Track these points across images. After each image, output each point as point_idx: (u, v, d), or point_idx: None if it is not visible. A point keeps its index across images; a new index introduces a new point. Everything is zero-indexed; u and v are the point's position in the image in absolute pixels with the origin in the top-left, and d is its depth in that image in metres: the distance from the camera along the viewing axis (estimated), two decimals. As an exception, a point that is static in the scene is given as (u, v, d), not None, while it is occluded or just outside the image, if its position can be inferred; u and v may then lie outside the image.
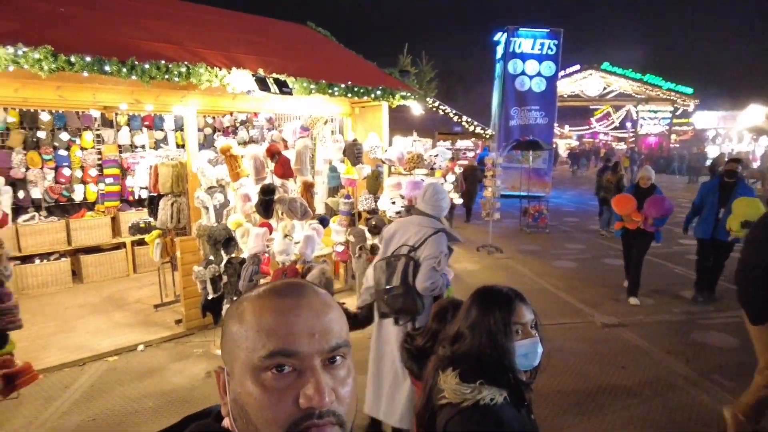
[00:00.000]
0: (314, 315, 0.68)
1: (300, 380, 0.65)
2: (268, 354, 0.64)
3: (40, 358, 4.40)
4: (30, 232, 6.23)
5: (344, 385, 0.69)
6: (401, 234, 3.03)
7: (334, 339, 0.68)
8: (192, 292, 4.90)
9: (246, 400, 0.65)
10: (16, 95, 4.10)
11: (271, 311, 0.67)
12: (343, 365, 0.70)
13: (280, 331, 0.65)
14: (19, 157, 6.30)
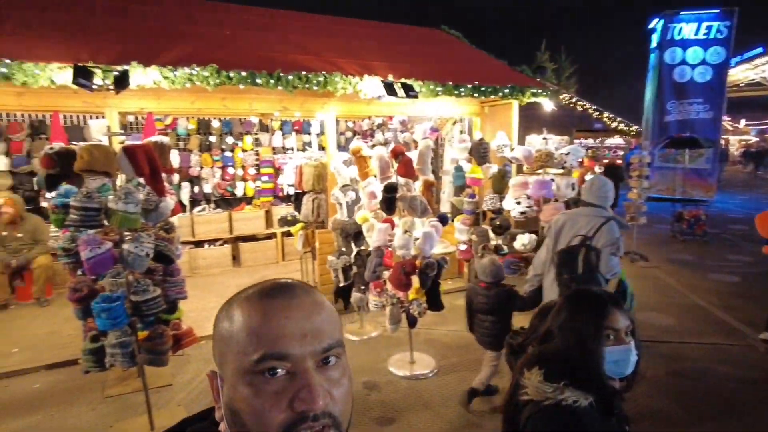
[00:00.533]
0: (305, 316, 0.67)
1: (293, 383, 0.63)
2: (259, 358, 0.63)
3: (204, 327, 5.24)
4: (201, 221, 7.42)
5: (339, 385, 0.67)
6: (570, 226, 3.36)
7: (327, 339, 0.67)
8: (327, 279, 5.39)
9: (239, 405, 0.64)
10: (192, 106, 4.95)
11: (260, 313, 0.66)
12: (338, 365, 0.68)
13: (270, 333, 0.64)
14: (195, 158, 7.54)
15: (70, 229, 3.16)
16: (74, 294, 3.22)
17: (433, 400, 3.81)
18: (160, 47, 4.21)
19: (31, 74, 3.48)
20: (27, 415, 3.71)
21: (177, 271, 3.65)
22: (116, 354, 3.21)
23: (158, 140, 3.54)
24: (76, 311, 3.27)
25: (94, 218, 3.13)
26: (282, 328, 0.64)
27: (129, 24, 4.60)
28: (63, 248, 3.20)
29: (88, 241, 3.10)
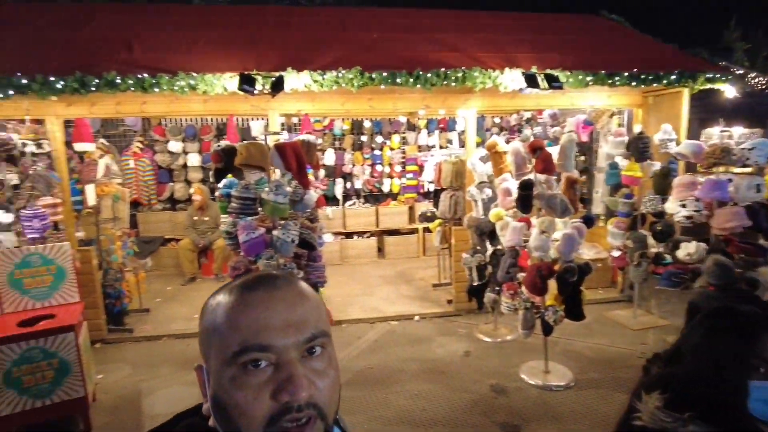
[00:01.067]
0: (288, 306, 0.67)
1: (277, 374, 0.63)
2: (241, 349, 0.63)
3: (347, 312, 5.64)
4: (352, 214, 7.95)
5: (324, 376, 0.67)
6: None
7: (310, 330, 0.67)
8: (462, 276, 5.35)
9: (224, 398, 0.64)
10: (342, 107, 5.32)
11: (243, 306, 0.66)
12: (323, 356, 0.68)
13: (253, 325, 0.64)
14: (348, 156, 8.11)
15: (232, 215, 3.65)
16: (234, 271, 3.72)
17: (564, 414, 3.54)
18: (314, 53, 4.62)
19: (209, 84, 4.13)
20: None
21: (319, 257, 3.98)
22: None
23: (306, 138, 3.90)
24: (235, 286, 3.78)
25: (251, 207, 3.58)
26: (264, 319, 0.64)
27: (290, 35, 5.14)
28: (227, 232, 3.72)
29: (245, 226, 3.56)
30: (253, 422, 0.62)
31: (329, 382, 0.67)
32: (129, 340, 5.12)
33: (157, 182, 7.83)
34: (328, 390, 0.67)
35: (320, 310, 0.71)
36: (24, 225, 4.00)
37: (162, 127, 7.76)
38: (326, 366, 0.68)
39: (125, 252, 5.66)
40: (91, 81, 3.96)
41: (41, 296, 3.89)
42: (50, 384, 3.46)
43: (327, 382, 0.67)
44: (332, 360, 0.70)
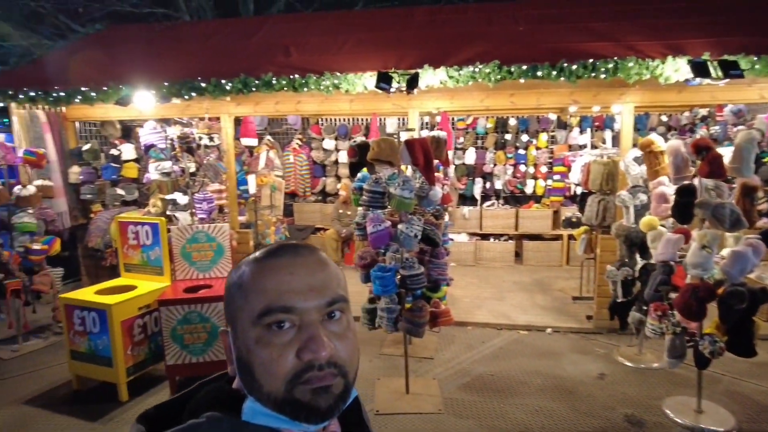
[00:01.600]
0: (310, 272, 0.70)
1: (300, 334, 0.67)
2: (266, 311, 0.67)
3: (474, 314, 5.50)
4: (489, 215, 7.72)
5: (344, 338, 0.70)
6: None
7: (331, 294, 0.70)
8: (605, 291, 4.83)
9: (249, 358, 0.68)
10: (481, 104, 5.18)
11: (267, 270, 0.70)
12: (342, 320, 0.71)
13: (277, 288, 0.68)
14: (490, 155, 7.88)
15: (362, 207, 3.82)
16: (361, 261, 3.89)
17: (717, 466, 2.97)
18: (454, 50, 4.58)
19: (351, 83, 4.36)
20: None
21: (441, 254, 3.95)
22: (383, 317, 3.74)
23: (436, 135, 3.89)
24: (360, 275, 3.95)
25: (379, 200, 3.70)
26: (287, 283, 0.68)
27: (433, 33, 5.17)
28: (357, 223, 3.91)
29: (372, 218, 3.69)
30: (277, 379, 0.65)
31: (349, 344, 0.70)
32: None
33: (312, 176, 8.57)
34: (348, 351, 0.70)
35: (339, 277, 0.74)
36: (196, 207, 4.72)
37: (318, 126, 8.45)
38: (345, 329, 0.71)
39: (277, 237, 6.31)
40: (252, 82, 4.48)
41: (203, 268, 4.53)
42: (203, 344, 4.01)
43: (347, 344, 0.70)
44: (350, 324, 0.73)
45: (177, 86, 4.65)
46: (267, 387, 0.66)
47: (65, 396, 4.02)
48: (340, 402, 0.69)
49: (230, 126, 5.62)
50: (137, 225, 4.48)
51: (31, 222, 4.94)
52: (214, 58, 5.27)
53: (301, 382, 0.65)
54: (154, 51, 5.78)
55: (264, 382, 0.66)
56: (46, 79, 5.15)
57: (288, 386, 0.65)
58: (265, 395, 0.66)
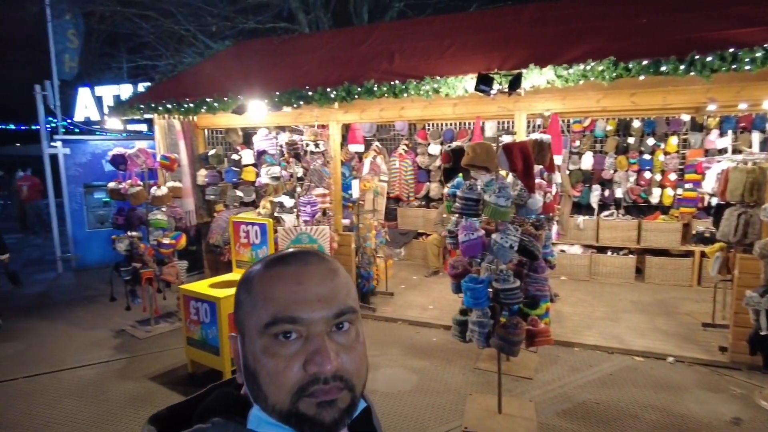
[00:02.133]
0: (318, 282, 0.69)
1: (306, 346, 0.66)
2: (273, 321, 0.66)
3: (582, 335, 5.04)
4: (608, 226, 7.05)
5: (352, 350, 0.69)
6: None
7: (339, 305, 0.68)
8: (745, 320, 4.13)
9: (255, 367, 0.67)
10: (597, 105, 4.74)
11: (276, 279, 0.69)
12: (350, 331, 0.70)
13: (284, 298, 0.67)
14: (610, 160, 7.20)
15: (455, 214, 3.69)
16: (452, 270, 3.77)
17: None
18: (563, 47, 4.25)
19: (452, 86, 4.25)
20: (422, 359, 4.65)
21: (541, 268, 3.66)
22: (474, 331, 3.57)
23: (538, 138, 3.63)
24: (452, 285, 3.82)
25: (473, 207, 3.54)
26: (295, 293, 0.67)
27: (542, 31, 4.84)
28: (449, 230, 3.79)
29: (465, 226, 3.56)
30: (282, 390, 0.65)
31: (356, 356, 0.69)
32: (371, 318, 5.77)
33: (417, 181, 8.58)
34: (356, 364, 0.69)
35: (349, 287, 0.72)
36: (300, 209, 4.95)
37: (425, 132, 8.44)
38: (354, 341, 0.70)
39: (378, 240, 6.40)
40: (355, 90, 4.59)
41: (305, 268, 4.73)
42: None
43: (354, 356, 0.69)
44: (360, 335, 0.71)
45: (287, 95, 4.92)
46: (272, 398, 0.65)
47: (181, 377, 4.45)
48: (346, 416, 0.67)
49: (338, 133, 5.82)
50: (248, 225, 4.82)
51: (162, 219, 5.57)
52: (323, 67, 5.51)
53: (306, 395, 0.64)
54: (270, 63, 6.21)
55: (269, 393, 0.65)
56: (180, 92, 5.79)
57: (293, 398, 0.64)
58: (270, 406, 0.66)
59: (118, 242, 5.51)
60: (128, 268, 5.49)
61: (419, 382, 4.23)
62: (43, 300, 6.89)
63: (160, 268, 5.57)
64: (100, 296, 6.61)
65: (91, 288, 7.25)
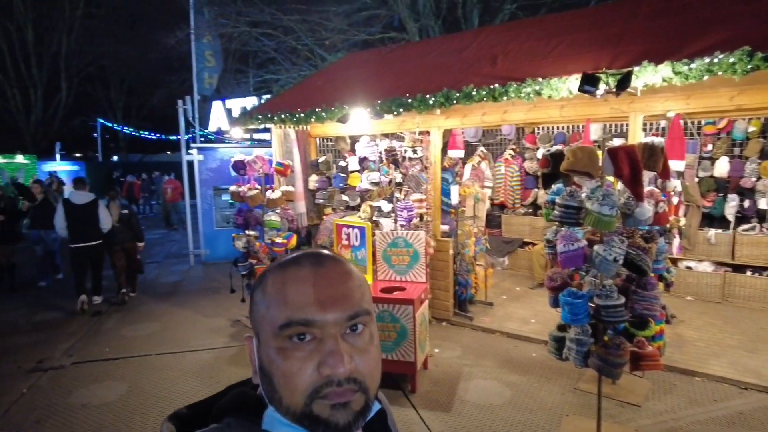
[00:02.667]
0: (332, 284, 0.69)
1: (320, 348, 0.66)
2: (287, 323, 0.66)
3: (707, 364, 4.45)
4: (747, 242, 6.13)
5: (366, 353, 0.69)
6: None
7: (353, 307, 0.68)
8: None
9: (270, 368, 0.68)
10: (731, 103, 4.16)
11: (290, 281, 0.69)
12: (364, 333, 0.70)
13: (298, 300, 0.67)
14: (752, 166, 6.26)
15: (554, 223, 3.49)
16: (550, 282, 3.56)
17: None
18: (687, 40, 3.79)
19: (555, 88, 4.03)
20: (518, 374, 4.46)
21: (651, 285, 3.31)
22: (572, 349, 3.34)
23: (650, 141, 3.29)
24: (549, 298, 3.61)
25: (573, 216, 3.33)
26: (309, 295, 0.67)
27: (662, 23, 4.36)
28: (547, 240, 3.58)
29: (564, 236, 3.35)
30: (297, 392, 0.65)
31: (370, 359, 0.69)
32: (468, 327, 5.67)
33: (523, 188, 8.25)
34: (369, 366, 0.69)
35: (364, 289, 0.73)
36: (397, 214, 5.04)
37: (534, 135, 8.09)
38: (368, 343, 0.70)
39: (478, 248, 6.26)
40: (453, 95, 4.56)
41: (401, 271, 4.81)
42: (392, 343, 4.25)
43: (368, 359, 0.69)
44: (374, 338, 0.72)
45: (388, 103, 5.05)
46: (286, 399, 0.66)
47: (284, 368, 4.77)
48: (360, 418, 0.67)
49: (439, 138, 5.83)
50: (349, 228, 5.03)
51: (276, 220, 6.02)
52: (424, 74, 5.56)
53: (320, 397, 0.65)
54: (376, 72, 6.42)
55: (284, 395, 0.66)
56: (293, 103, 6.24)
57: (307, 400, 0.65)
58: (284, 407, 0.67)
59: (237, 240, 6.08)
60: (245, 263, 6.03)
61: (513, 397, 4.06)
62: (177, 288, 7.83)
63: (272, 265, 6.02)
64: (222, 288, 7.33)
65: (215, 280, 8.08)
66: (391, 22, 10.20)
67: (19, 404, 4.10)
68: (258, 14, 9.90)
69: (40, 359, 4.94)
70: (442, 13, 10.48)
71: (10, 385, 4.40)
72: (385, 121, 5.86)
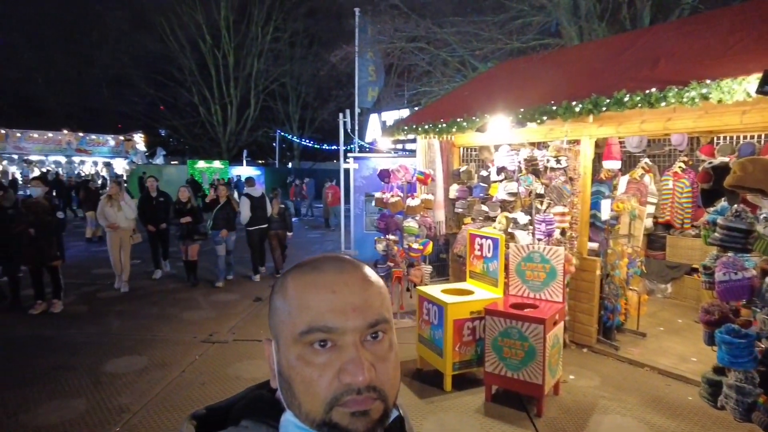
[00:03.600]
0: (353, 291, 0.68)
1: (340, 355, 0.66)
2: (307, 329, 0.66)
3: None
4: None
5: (385, 360, 0.68)
6: None
7: (374, 314, 0.68)
8: None
9: (290, 374, 0.68)
10: None
11: (311, 287, 0.69)
12: (384, 341, 0.69)
13: (319, 306, 0.67)
14: None
15: (715, 247, 3.01)
16: (705, 315, 3.07)
17: None
18: None
19: (727, 90, 3.46)
20: (666, 417, 3.91)
21: None
22: (730, 397, 2.85)
23: None
24: (704, 334, 3.11)
25: (738, 240, 2.85)
26: (329, 302, 0.67)
27: None
28: (703, 266, 3.10)
29: (725, 263, 2.89)
30: (316, 399, 0.65)
31: (390, 367, 0.69)
32: (612, 356, 5.14)
33: (695, 205, 7.16)
34: (389, 374, 0.68)
35: (384, 296, 0.73)
36: (535, 227, 4.81)
37: (711, 146, 6.97)
38: (387, 351, 0.70)
39: (631, 270, 5.64)
40: (602, 102, 4.22)
41: (535, 288, 4.59)
42: (519, 362, 4.08)
43: (387, 367, 0.69)
44: (393, 346, 0.71)
45: (531, 111, 4.88)
46: (306, 406, 0.66)
47: (410, 370, 4.89)
48: (378, 426, 0.67)
49: (590, 148, 5.42)
50: (482, 238, 4.97)
51: (414, 226, 6.23)
52: (574, 80, 5.24)
53: (339, 405, 0.65)
54: (523, 80, 6.23)
55: (303, 401, 0.66)
56: (437, 114, 6.39)
57: (326, 408, 0.65)
58: (303, 414, 0.67)
59: (378, 243, 6.43)
60: (384, 265, 6.35)
61: (656, 442, 3.58)
62: (326, 285, 8.53)
63: (408, 270, 6.24)
64: (364, 288, 7.78)
65: (360, 280, 8.62)
66: (547, 28, 9.78)
67: (193, 367, 4.92)
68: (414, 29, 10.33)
69: (211, 333, 5.85)
70: (607, 15, 9.70)
71: (188, 351, 5.30)
72: (531, 130, 5.64)
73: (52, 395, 4.27)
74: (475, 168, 7.28)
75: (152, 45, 25.72)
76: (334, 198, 15.70)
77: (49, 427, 3.77)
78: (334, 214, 15.77)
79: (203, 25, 25.18)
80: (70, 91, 28.71)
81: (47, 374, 4.66)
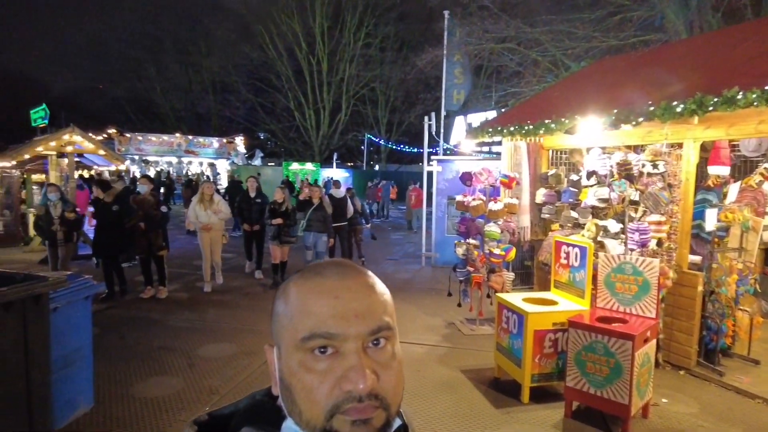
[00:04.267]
0: (356, 296, 0.67)
1: (342, 362, 0.64)
2: (309, 335, 0.65)
3: None
4: None
5: (388, 368, 0.67)
6: None
7: (376, 321, 0.67)
8: None
9: (291, 381, 0.67)
10: None
11: (313, 292, 0.68)
12: (387, 348, 0.68)
13: (321, 312, 0.66)
14: None
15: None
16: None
17: None
18: None
19: None
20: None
21: None
22: None
23: None
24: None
25: None
26: (332, 308, 0.66)
27: None
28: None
29: None
30: (317, 407, 0.64)
31: (392, 375, 0.68)
32: (715, 382, 4.64)
33: (828, 218, 6.25)
34: (392, 382, 0.67)
35: (387, 303, 0.71)
36: (628, 236, 4.48)
37: None
38: (390, 358, 0.68)
39: (742, 288, 5.05)
40: (709, 101, 3.83)
41: (625, 302, 4.28)
42: (603, 378, 3.83)
43: (390, 374, 0.67)
44: (396, 353, 0.70)
45: (625, 112, 4.56)
46: (306, 414, 0.65)
47: (487, 378, 4.79)
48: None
49: (694, 152, 4.95)
50: (569, 246, 4.73)
51: (496, 231, 6.08)
52: (677, 77, 4.81)
53: (340, 412, 0.64)
54: (620, 78, 5.83)
55: (304, 408, 0.65)
56: (524, 115, 6.18)
57: (327, 416, 0.64)
58: (304, 421, 0.66)
59: (458, 247, 6.36)
60: (463, 269, 6.27)
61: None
62: (407, 285, 8.62)
63: (489, 275, 6.11)
64: (444, 290, 7.74)
65: (440, 282, 8.58)
66: (650, 22, 9.05)
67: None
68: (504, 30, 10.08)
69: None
70: (723, 4, 8.77)
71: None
72: (626, 132, 5.26)
73: (154, 372, 4.75)
74: (565, 172, 6.95)
75: (253, 53, 27.62)
76: (417, 200, 15.78)
77: (152, 399, 4.20)
78: (417, 216, 15.85)
79: (299, 33, 26.57)
80: (181, 98, 31.76)
81: (152, 353, 5.19)
